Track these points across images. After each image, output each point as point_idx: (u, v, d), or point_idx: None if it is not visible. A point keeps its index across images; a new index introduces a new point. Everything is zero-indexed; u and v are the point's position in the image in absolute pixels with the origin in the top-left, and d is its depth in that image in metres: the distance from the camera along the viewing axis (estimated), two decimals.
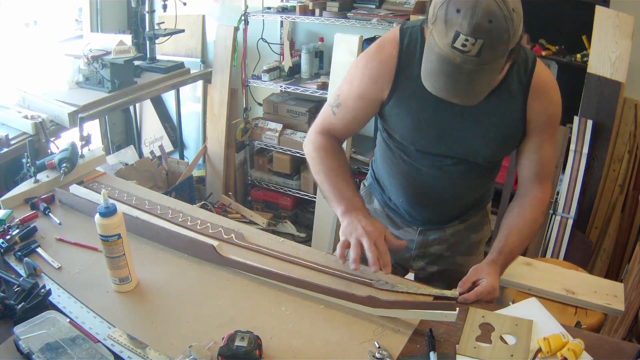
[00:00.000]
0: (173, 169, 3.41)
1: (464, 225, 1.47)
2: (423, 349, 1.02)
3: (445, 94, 1.04)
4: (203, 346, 0.97)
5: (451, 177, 1.34)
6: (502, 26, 0.95)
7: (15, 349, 0.97)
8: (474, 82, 1.00)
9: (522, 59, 1.20)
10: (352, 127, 1.37)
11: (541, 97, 1.21)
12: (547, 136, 1.27)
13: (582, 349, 0.98)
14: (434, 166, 1.33)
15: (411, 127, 1.28)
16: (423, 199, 1.41)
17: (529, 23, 3.12)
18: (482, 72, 0.99)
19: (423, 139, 1.29)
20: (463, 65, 0.97)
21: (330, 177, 1.31)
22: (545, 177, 1.32)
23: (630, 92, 2.60)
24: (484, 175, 1.39)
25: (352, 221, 1.21)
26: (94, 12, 3.44)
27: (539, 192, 1.31)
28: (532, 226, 1.29)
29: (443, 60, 0.99)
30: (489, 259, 1.24)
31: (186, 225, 1.40)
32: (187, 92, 3.74)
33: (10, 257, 1.26)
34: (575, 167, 2.60)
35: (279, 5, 3.22)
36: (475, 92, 1.04)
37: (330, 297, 1.13)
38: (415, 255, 1.49)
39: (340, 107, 1.33)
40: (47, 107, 2.42)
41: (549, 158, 1.30)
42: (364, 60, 1.27)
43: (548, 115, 1.24)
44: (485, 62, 0.97)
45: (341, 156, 1.37)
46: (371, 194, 1.54)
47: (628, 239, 2.69)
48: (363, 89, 1.27)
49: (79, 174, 1.64)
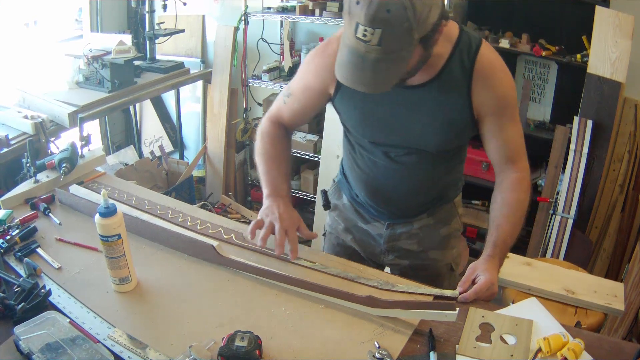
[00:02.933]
0: (173, 169, 3.41)
1: (433, 219, 1.46)
2: (423, 349, 1.02)
3: (352, 83, 1.07)
4: (203, 346, 0.97)
5: (406, 168, 1.36)
6: (401, 15, 0.97)
7: (15, 349, 0.97)
8: (379, 70, 1.02)
9: (466, 45, 1.20)
10: (300, 117, 1.45)
11: (486, 81, 1.20)
12: (506, 119, 1.26)
13: (582, 349, 0.98)
14: (387, 157, 1.36)
15: (359, 119, 1.32)
16: (383, 191, 1.43)
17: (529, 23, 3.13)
18: (387, 61, 1.01)
19: (371, 130, 1.33)
20: (367, 55, 1.00)
21: (267, 162, 1.39)
22: (516, 158, 1.31)
23: (630, 92, 2.60)
24: (441, 166, 1.38)
25: (271, 205, 1.29)
26: (94, 12, 3.44)
27: (514, 172, 1.30)
28: (518, 209, 1.27)
29: (350, 50, 1.02)
30: (485, 255, 1.24)
31: (186, 225, 1.40)
32: (187, 92, 3.74)
33: (10, 257, 1.26)
34: (575, 167, 2.60)
35: (279, 5, 3.22)
36: (382, 80, 1.05)
37: (330, 297, 1.13)
38: (385, 249, 1.50)
39: (290, 97, 1.41)
40: (47, 107, 2.42)
41: (514, 138, 1.29)
42: (312, 55, 1.35)
43: (497, 98, 1.23)
44: (389, 51, 1.00)
45: (283, 144, 1.44)
46: (340, 189, 1.57)
47: (628, 239, 2.69)
48: (308, 81, 1.35)
49: (79, 174, 1.64)
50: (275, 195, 1.32)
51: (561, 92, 2.95)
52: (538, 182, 3.02)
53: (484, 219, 3.16)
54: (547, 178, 2.81)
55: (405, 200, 1.43)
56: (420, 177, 1.38)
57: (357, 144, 1.41)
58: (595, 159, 2.63)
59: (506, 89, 1.23)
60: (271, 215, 1.27)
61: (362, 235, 1.53)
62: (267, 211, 1.28)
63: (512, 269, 1.62)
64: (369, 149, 1.38)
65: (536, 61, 2.95)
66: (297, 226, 1.28)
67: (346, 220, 1.55)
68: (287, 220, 1.25)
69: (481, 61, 1.20)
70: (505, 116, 1.25)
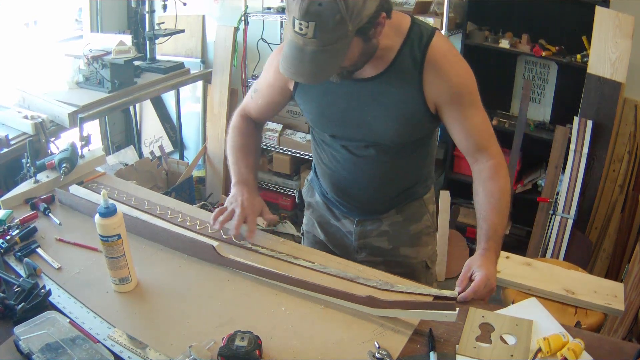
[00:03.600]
0: (173, 169, 3.41)
1: (401, 216, 1.46)
2: (423, 349, 1.02)
3: (292, 74, 1.12)
4: (203, 346, 0.97)
5: (366, 162, 1.37)
6: (332, 7, 1.00)
7: (15, 349, 0.96)
8: (317, 62, 1.06)
9: (417, 36, 1.21)
10: (265, 112, 1.51)
11: (438, 71, 1.21)
12: (466, 107, 1.25)
13: (582, 349, 0.98)
14: (347, 151, 1.38)
15: (317, 113, 1.36)
16: (347, 186, 1.44)
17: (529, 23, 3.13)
18: (324, 53, 1.05)
19: (329, 124, 1.36)
20: (305, 47, 1.05)
21: (235, 153, 1.47)
22: (486, 144, 1.30)
23: (630, 93, 2.60)
24: (402, 160, 1.38)
25: (236, 193, 1.38)
26: (94, 12, 3.44)
27: (488, 159, 1.30)
28: (502, 197, 1.27)
29: (289, 44, 1.08)
30: (479, 249, 1.24)
31: (186, 225, 1.40)
32: (187, 92, 3.74)
33: (10, 258, 1.26)
34: (575, 167, 2.60)
35: (279, 5, 3.21)
36: (321, 71, 1.10)
37: (330, 297, 1.13)
38: (356, 247, 1.50)
39: (256, 93, 1.49)
40: (47, 107, 2.42)
41: (480, 125, 1.28)
42: (275, 53, 1.42)
43: (451, 87, 1.22)
44: (325, 43, 1.04)
45: (251, 137, 1.51)
46: (312, 187, 1.59)
47: (628, 239, 2.69)
48: (271, 78, 1.41)
49: (79, 174, 1.64)
50: (241, 184, 1.39)
51: (561, 92, 2.95)
52: (538, 182, 3.02)
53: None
54: (547, 178, 2.81)
55: (370, 195, 1.44)
56: (382, 170, 1.39)
57: (320, 140, 1.44)
58: (595, 159, 2.64)
59: (459, 77, 1.24)
60: (234, 202, 1.35)
61: (334, 233, 1.54)
62: (231, 199, 1.37)
63: (512, 269, 1.62)
64: (330, 143, 1.41)
65: (536, 61, 2.96)
66: (259, 212, 1.36)
67: (319, 218, 1.57)
68: (248, 207, 1.34)
69: (432, 51, 1.21)
70: (464, 104, 1.25)
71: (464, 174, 3.07)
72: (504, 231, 1.27)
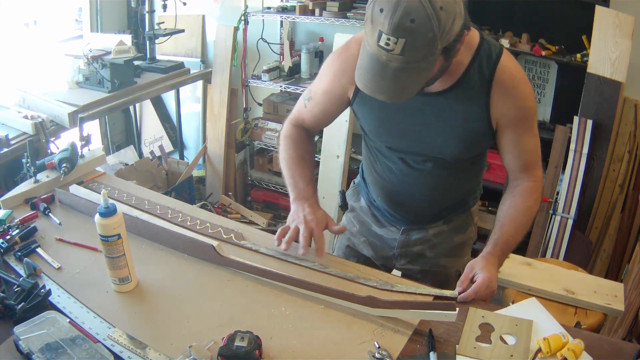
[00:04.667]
0: (173, 169, 3.41)
1: (448, 226, 1.46)
2: (423, 349, 1.02)
3: (372, 91, 1.05)
4: (203, 346, 0.97)
5: (422, 175, 1.35)
6: (425, 25, 0.96)
7: (15, 349, 0.96)
8: (399, 80, 1.01)
9: (486, 53, 1.18)
10: (321, 120, 1.44)
11: (506, 91, 1.18)
12: (524, 130, 1.25)
13: (582, 349, 0.98)
14: (404, 164, 1.35)
15: (376, 124, 1.32)
16: (399, 197, 1.42)
17: (529, 23, 3.12)
18: (409, 71, 1.00)
19: (388, 136, 1.33)
20: (389, 63, 0.99)
21: (290, 165, 1.39)
22: (532, 166, 1.30)
23: (630, 92, 2.60)
24: (458, 174, 1.37)
25: (297, 209, 1.31)
26: (94, 12, 3.44)
27: (529, 181, 1.30)
28: (525, 215, 1.27)
29: (371, 57, 1.01)
30: (484, 253, 1.24)
31: (186, 225, 1.40)
32: (187, 92, 3.74)
33: (10, 257, 1.26)
34: (575, 167, 2.60)
35: (279, 5, 3.21)
36: (402, 90, 1.04)
37: (330, 297, 1.13)
38: (397, 254, 1.50)
39: (311, 101, 1.41)
40: (47, 107, 2.42)
41: (532, 149, 1.28)
42: (332, 58, 1.34)
43: (517, 110, 1.21)
44: (411, 61, 0.99)
45: (305, 147, 1.43)
46: (359, 192, 1.57)
47: (628, 239, 2.70)
48: (328, 85, 1.34)
49: (79, 174, 1.64)
50: (300, 199, 1.33)
51: (561, 92, 2.95)
52: None
53: (484, 219, 3.15)
54: (547, 178, 2.81)
55: (422, 207, 1.42)
56: (436, 184, 1.37)
57: (375, 149, 1.40)
58: (595, 159, 2.63)
59: (526, 101, 1.21)
60: (297, 219, 1.29)
61: (375, 239, 1.52)
62: (293, 216, 1.31)
63: (512, 269, 1.62)
64: (386, 154, 1.37)
65: (536, 61, 2.95)
66: (325, 225, 1.29)
67: (361, 223, 1.55)
68: (311, 221, 1.27)
69: (501, 71, 1.18)
70: (524, 128, 1.24)
71: None
72: (515, 245, 1.27)
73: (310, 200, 1.32)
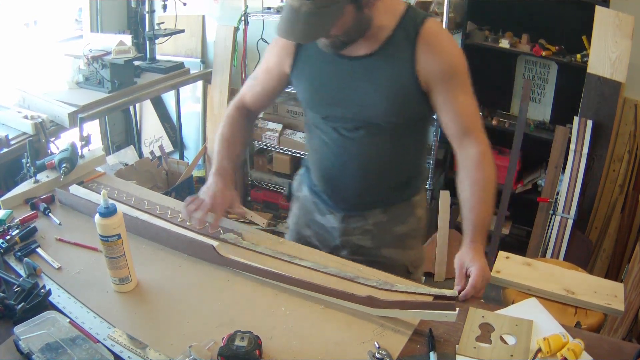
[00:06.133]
0: (173, 169, 3.41)
1: (386, 215, 1.46)
2: (423, 349, 1.02)
3: (286, 34, 1.18)
4: (203, 346, 0.97)
5: (355, 145, 1.38)
6: None
7: (15, 349, 0.97)
8: (309, 23, 1.14)
9: (411, 18, 1.27)
10: (262, 99, 1.54)
11: (430, 47, 1.25)
12: (455, 87, 1.28)
13: (582, 349, 0.98)
14: (337, 134, 1.39)
15: (310, 92, 1.40)
16: (334, 174, 1.45)
17: (529, 23, 3.12)
18: (318, 15, 1.13)
19: (321, 103, 1.39)
20: (300, 9, 1.12)
21: (221, 142, 1.48)
22: (473, 129, 1.31)
23: (630, 92, 2.60)
24: (390, 146, 1.39)
25: (210, 184, 1.40)
26: (94, 12, 3.44)
27: (474, 146, 1.30)
28: (487, 186, 1.28)
29: (287, 6, 1.15)
30: (467, 242, 1.25)
31: (186, 225, 1.40)
32: (187, 92, 3.74)
33: (10, 257, 1.26)
34: (575, 167, 2.60)
35: (279, 5, 3.21)
36: (313, 32, 1.18)
37: (330, 297, 1.13)
38: (339, 244, 1.50)
39: (254, 81, 1.52)
40: (47, 107, 2.42)
41: (468, 108, 1.30)
42: (274, 40, 1.47)
43: (443, 65, 1.26)
44: (319, 6, 1.12)
45: (241, 129, 1.52)
46: (302, 182, 1.61)
47: (628, 239, 2.70)
48: (269, 63, 1.45)
49: (79, 174, 1.64)
50: (217, 174, 1.42)
51: (561, 92, 2.95)
52: (538, 182, 3.02)
53: None
54: (547, 178, 2.81)
55: (357, 185, 1.43)
56: (370, 155, 1.39)
57: (312, 124, 1.47)
58: (595, 159, 2.64)
59: (452, 56, 1.27)
60: (206, 193, 1.38)
61: (318, 229, 1.54)
62: (205, 189, 1.40)
63: (512, 269, 1.62)
64: (322, 126, 1.43)
65: (536, 61, 2.96)
66: (229, 204, 1.38)
67: (306, 213, 1.58)
68: (218, 197, 1.36)
69: (426, 30, 1.25)
70: (454, 85, 1.28)
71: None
72: (490, 220, 1.30)
73: (225, 178, 1.41)
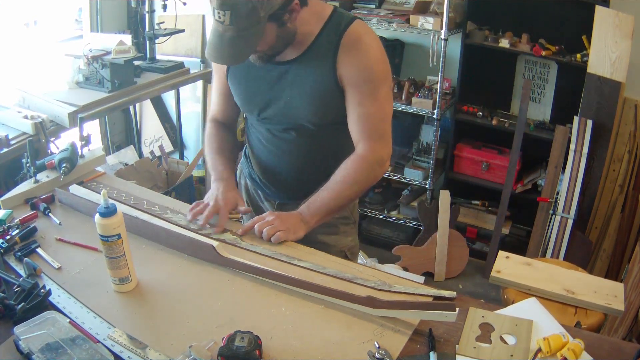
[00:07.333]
0: (173, 169, 3.41)
1: None
2: (423, 349, 1.02)
3: (214, 58, 1.24)
4: (203, 346, 0.97)
5: (287, 144, 1.46)
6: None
7: (15, 349, 0.97)
8: (234, 46, 1.19)
9: (336, 22, 1.31)
10: (225, 107, 1.59)
11: (350, 51, 1.29)
12: (366, 92, 1.31)
13: (582, 349, 0.98)
14: (270, 134, 1.48)
15: (244, 95, 1.46)
16: (270, 168, 1.54)
17: (529, 23, 3.13)
18: (241, 38, 1.18)
19: (254, 106, 1.45)
20: (224, 34, 1.18)
21: (210, 155, 1.55)
22: (371, 135, 1.36)
23: (630, 92, 2.60)
24: (319, 144, 1.45)
25: (213, 189, 1.45)
26: (94, 12, 3.44)
27: (362, 150, 1.36)
28: (343, 183, 1.36)
29: (212, 31, 1.21)
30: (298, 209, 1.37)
31: (186, 225, 1.40)
32: (187, 92, 3.73)
33: (10, 257, 1.26)
34: (575, 167, 2.60)
35: None
36: (238, 54, 1.23)
37: (330, 297, 1.13)
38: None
39: (215, 92, 1.59)
40: (47, 107, 2.42)
41: (373, 115, 1.34)
42: None
43: (359, 69, 1.29)
44: (241, 29, 1.16)
45: (222, 137, 1.58)
46: (242, 170, 1.70)
47: (628, 239, 2.70)
48: (217, 72, 1.53)
49: (79, 174, 1.64)
50: (217, 180, 1.47)
51: (561, 92, 2.95)
52: (538, 182, 3.02)
53: (484, 219, 3.16)
54: (547, 178, 2.81)
55: (292, 177, 1.52)
56: (301, 153, 1.46)
57: (250, 124, 1.55)
58: (595, 159, 2.64)
59: (369, 61, 1.30)
60: (210, 197, 1.43)
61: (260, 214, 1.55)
62: (209, 194, 1.45)
63: (512, 269, 1.62)
64: (257, 127, 1.51)
65: (536, 61, 2.96)
66: (233, 205, 1.42)
67: (249, 199, 1.66)
68: (221, 201, 1.40)
69: (349, 34, 1.29)
70: (364, 91, 1.31)
71: (464, 174, 3.06)
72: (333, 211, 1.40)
73: (226, 182, 1.45)
